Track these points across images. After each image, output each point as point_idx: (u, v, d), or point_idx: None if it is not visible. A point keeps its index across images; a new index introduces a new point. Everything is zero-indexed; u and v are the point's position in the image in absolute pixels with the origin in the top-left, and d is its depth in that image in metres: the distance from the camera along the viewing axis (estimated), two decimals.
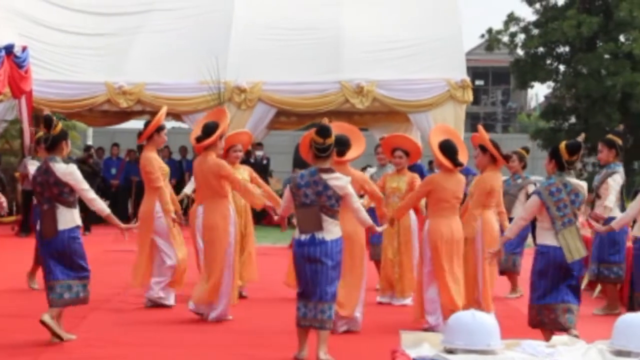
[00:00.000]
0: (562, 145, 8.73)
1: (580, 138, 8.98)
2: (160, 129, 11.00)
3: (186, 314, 10.51)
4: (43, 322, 8.80)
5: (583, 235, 13.37)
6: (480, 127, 10.75)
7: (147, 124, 11.10)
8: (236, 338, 9.34)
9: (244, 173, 11.62)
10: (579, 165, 35.09)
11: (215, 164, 10.23)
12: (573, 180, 8.64)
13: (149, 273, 11.02)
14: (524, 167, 12.94)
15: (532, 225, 8.84)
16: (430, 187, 9.89)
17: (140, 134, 11.09)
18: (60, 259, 8.90)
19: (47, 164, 8.98)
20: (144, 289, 11.07)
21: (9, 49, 17.76)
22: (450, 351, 5.57)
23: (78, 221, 9.01)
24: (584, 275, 8.84)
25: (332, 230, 8.31)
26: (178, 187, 22.90)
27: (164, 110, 11.27)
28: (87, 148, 22.72)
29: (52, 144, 9.06)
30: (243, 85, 21.69)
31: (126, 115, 24.14)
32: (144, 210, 10.96)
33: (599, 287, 12.29)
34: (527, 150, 13.26)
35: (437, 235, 9.76)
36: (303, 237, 8.30)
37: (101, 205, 9.17)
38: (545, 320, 8.58)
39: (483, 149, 10.35)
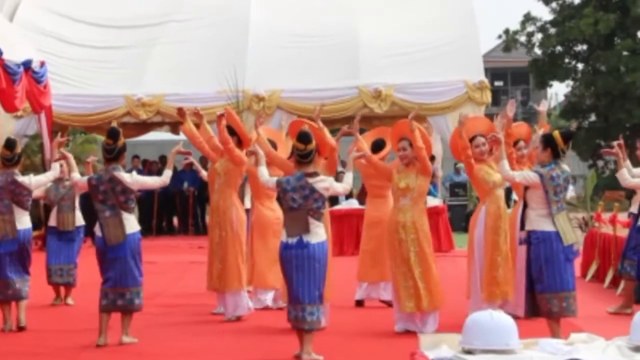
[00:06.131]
0: (556, 133, 8.91)
1: None
2: None
3: (215, 320, 10.59)
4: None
5: (619, 236, 13.38)
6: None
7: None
8: (269, 345, 9.35)
9: None
10: (600, 162, 35.09)
11: None
12: (566, 168, 8.81)
13: None
14: None
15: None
16: None
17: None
18: (117, 264, 9.28)
19: (111, 174, 9.34)
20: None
21: (27, 65, 17.81)
22: (469, 352, 5.58)
23: (138, 226, 9.56)
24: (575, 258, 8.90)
25: (317, 233, 8.49)
26: (200, 197, 23.11)
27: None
28: None
29: (118, 154, 9.46)
30: (261, 93, 21.73)
31: (146, 126, 24.24)
32: None
33: (622, 285, 12.23)
34: None
35: None
36: (290, 240, 8.46)
37: (165, 175, 9.66)
38: (551, 309, 8.62)
39: None
